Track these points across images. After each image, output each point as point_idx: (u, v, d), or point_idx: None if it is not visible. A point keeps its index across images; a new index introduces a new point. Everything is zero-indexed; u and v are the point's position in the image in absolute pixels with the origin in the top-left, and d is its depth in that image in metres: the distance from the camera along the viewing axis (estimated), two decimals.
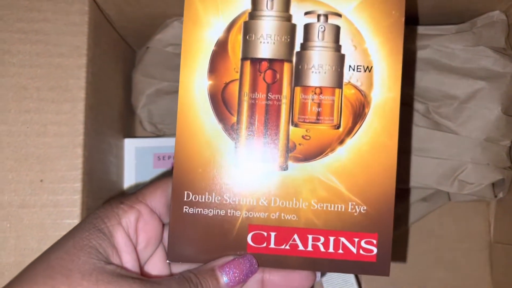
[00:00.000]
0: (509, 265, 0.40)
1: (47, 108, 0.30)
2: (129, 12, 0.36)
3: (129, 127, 0.44)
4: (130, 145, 0.41)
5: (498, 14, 0.37)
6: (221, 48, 0.28)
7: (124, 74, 0.42)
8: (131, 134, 0.45)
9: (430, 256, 0.44)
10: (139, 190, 0.27)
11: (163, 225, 0.28)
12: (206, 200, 0.27)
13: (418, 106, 0.38)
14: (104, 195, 0.36)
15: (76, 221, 0.30)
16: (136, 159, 0.41)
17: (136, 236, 0.26)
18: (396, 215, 0.39)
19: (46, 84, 0.31)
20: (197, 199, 0.27)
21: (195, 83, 0.28)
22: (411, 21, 0.39)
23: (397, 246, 0.44)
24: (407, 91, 0.38)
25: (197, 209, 0.27)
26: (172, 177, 0.27)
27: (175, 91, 0.40)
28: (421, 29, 0.38)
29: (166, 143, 0.41)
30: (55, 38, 0.31)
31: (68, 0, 0.31)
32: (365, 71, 0.27)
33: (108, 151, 0.37)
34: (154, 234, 0.27)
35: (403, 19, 0.27)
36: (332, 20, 0.27)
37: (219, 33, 0.28)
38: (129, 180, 0.41)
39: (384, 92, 0.27)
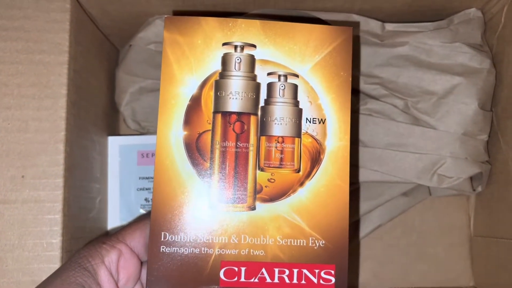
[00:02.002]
0: (489, 258, 0.40)
1: (28, 104, 0.30)
2: (111, 11, 0.37)
3: (113, 125, 0.44)
4: (114, 142, 0.41)
5: (474, 11, 0.38)
6: (195, 103, 0.31)
7: (107, 72, 0.42)
8: (115, 132, 0.45)
9: (411, 250, 0.44)
10: (119, 230, 0.30)
11: (142, 262, 0.30)
12: (182, 239, 0.30)
13: (397, 102, 0.39)
14: (87, 191, 0.36)
15: (57, 216, 0.30)
16: (120, 156, 0.41)
17: (117, 273, 0.28)
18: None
19: (27, 80, 0.30)
20: (173, 239, 0.30)
21: (172, 133, 0.31)
22: (390, 19, 0.40)
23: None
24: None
25: (173, 248, 0.30)
26: (150, 219, 0.30)
27: (158, 89, 0.40)
28: (399, 26, 0.39)
29: (150, 141, 0.42)
30: (36, 35, 0.31)
31: None
32: (319, 123, 0.32)
33: (91, 148, 0.37)
34: (133, 272, 0.29)
35: (350, 79, 0.32)
36: (291, 79, 0.32)
37: (193, 90, 0.31)
38: (112, 178, 0.41)
39: (336, 141, 0.31)
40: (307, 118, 0.32)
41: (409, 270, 0.44)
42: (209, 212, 0.30)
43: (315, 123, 0.32)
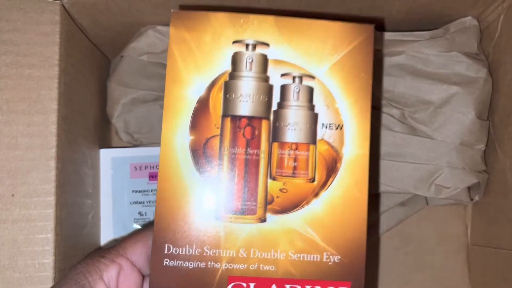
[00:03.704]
0: (486, 267, 0.40)
1: (18, 120, 0.29)
2: (102, 21, 0.36)
3: (104, 137, 0.43)
4: (106, 155, 0.40)
5: (470, 20, 0.38)
6: (202, 105, 0.29)
7: (98, 83, 0.41)
8: (107, 144, 0.44)
9: (409, 259, 0.44)
10: (119, 243, 0.28)
11: (143, 277, 0.28)
12: (187, 252, 0.28)
13: (394, 111, 0.39)
14: (79, 207, 0.35)
15: (49, 235, 0.29)
16: (113, 169, 0.40)
17: None
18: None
19: (16, 95, 0.30)
20: (177, 251, 0.28)
21: (177, 138, 0.29)
22: (385, 28, 0.40)
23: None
24: (376, 95, 0.39)
25: (177, 262, 0.28)
26: (153, 230, 0.28)
27: (151, 100, 0.40)
28: (395, 35, 0.39)
29: (142, 153, 0.40)
30: (25, 49, 0.30)
31: (39, 10, 0.30)
32: (336, 129, 0.29)
33: (83, 162, 0.36)
34: (134, 287, 0.27)
35: (371, 81, 0.29)
36: (306, 81, 0.29)
37: (200, 92, 0.29)
38: (105, 191, 0.40)
39: (355, 149, 0.29)
40: (323, 124, 0.29)
41: (407, 279, 0.44)
42: (216, 224, 0.28)
43: (332, 129, 0.29)
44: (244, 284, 0.28)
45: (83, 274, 0.25)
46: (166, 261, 0.28)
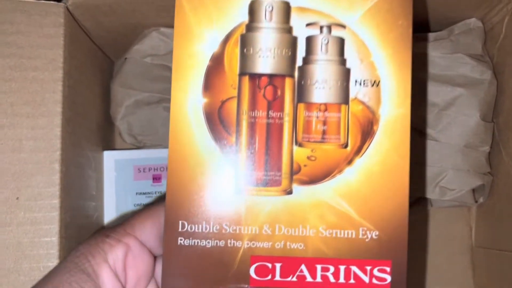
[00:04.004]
0: (491, 269, 0.40)
1: (22, 123, 0.29)
2: (106, 23, 0.35)
3: (108, 139, 0.43)
4: (109, 157, 0.40)
5: (474, 22, 0.37)
6: (216, 63, 0.25)
7: (102, 84, 0.41)
8: (110, 146, 0.44)
9: (413, 260, 0.43)
10: (127, 220, 0.25)
11: (155, 258, 0.25)
12: (203, 230, 0.25)
13: None
14: (83, 210, 0.35)
15: (54, 239, 0.29)
16: (116, 171, 0.40)
17: (124, 273, 0.23)
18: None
19: (21, 98, 0.30)
20: (193, 229, 0.25)
21: (189, 101, 0.25)
22: None
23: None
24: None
25: (193, 240, 0.25)
26: (165, 205, 0.25)
27: (155, 102, 0.40)
28: None
29: (146, 155, 0.40)
30: (29, 51, 0.30)
31: (42, 12, 0.30)
32: (372, 86, 0.25)
33: (87, 165, 0.36)
34: (145, 270, 0.24)
35: (411, 30, 0.25)
36: (336, 32, 0.25)
37: (214, 47, 0.25)
38: (108, 193, 0.40)
39: (393, 109, 0.25)
40: (356, 80, 0.25)
41: (410, 281, 0.43)
42: (235, 197, 0.25)
43: (367, 86, 0.25)
44: (269, 265, 0.25)
45: (85, 257, 0.22)
46: (181, 239, 0.25)
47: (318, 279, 0.25)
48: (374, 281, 0.25)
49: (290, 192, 0.25)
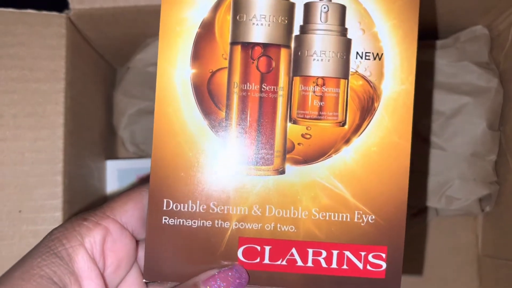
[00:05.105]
0: (498, 278, 0.40)
1: (24, 135, 0.29)
2: (108, 32, 0.35)
3: (110, 148, 0.43)
4: (112, 167, 0.40)
5: (480, 29, 0.37)
6: (206, 31, 0.23)
7: (104, 93, 0.41)
8: (113, 156, 0.44)
9: (419, 269, 0.44)
10: (106, 203, 0.23)
11: (137, 242, 0.24)
12: (190, 209, 0.23)
13: None
14: None
15: None
16: (119, 181, 0.40)
17: (103, 258, 0.22)
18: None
19: (23, 110, 0.30)
20: (178, 208, 0.23)
21: (176, 71, 0.23)
22: None
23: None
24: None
25: (178, 220, 0.23)
26: (149, 183, 0.23)
27: None
28: None
29: (149, 164, 0.40)
30: (31, 63, 0.30)
31: (44, 23, 0.30)
32: (374, 59, 0.23)
33: (89, 176, 0.36)
34: (125, 254, 0.23)
35: None
36: None
37: (204, 13, 0.23)
38: None
39: (396, 84, 0.23)
40: (357, 52, 0.23)
41: None
42: (224, 176, 0.23)
43: (368, 59, 0.23)
44: (258, 247, 0.23)
45: (59, 240, 0.20)
46: (165, 219, 0.23)
47: (309, 263, 0.24)
48: (369, 267, 0.24)
49: (282, 172, 0.24)
